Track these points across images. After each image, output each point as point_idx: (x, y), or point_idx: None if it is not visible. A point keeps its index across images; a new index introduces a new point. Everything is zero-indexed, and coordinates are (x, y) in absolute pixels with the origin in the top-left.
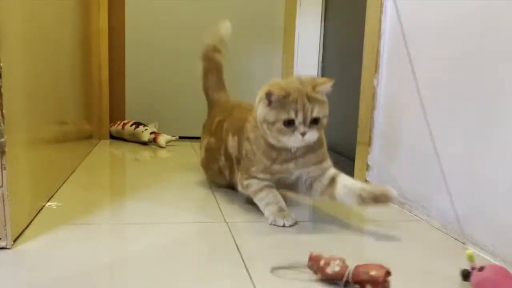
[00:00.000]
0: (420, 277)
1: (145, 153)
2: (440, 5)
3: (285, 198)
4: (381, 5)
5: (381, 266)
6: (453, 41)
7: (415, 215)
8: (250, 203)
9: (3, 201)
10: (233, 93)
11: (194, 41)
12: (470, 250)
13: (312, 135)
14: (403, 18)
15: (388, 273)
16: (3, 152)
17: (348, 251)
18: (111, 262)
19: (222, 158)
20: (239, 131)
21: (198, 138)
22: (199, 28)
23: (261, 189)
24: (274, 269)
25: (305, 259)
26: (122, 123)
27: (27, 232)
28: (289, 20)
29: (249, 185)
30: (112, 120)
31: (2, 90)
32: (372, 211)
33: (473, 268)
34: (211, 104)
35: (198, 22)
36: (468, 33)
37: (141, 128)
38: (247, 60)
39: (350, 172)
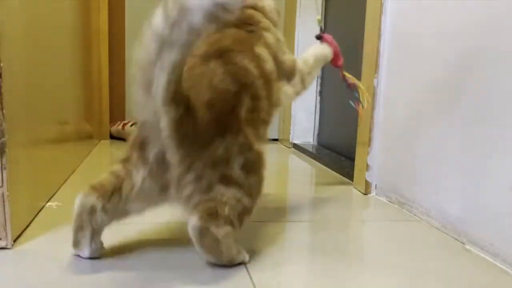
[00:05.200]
0: (420, 277)
1: None
2: (440, 4)
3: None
4: (381, 5)
5: None
6: (453, 41)
7: (415, 215)
8: None
9: (3, 201)
10: None
11: None
12: (319, 16)
13: None
14: (403, 18)
15: None
16: (3, 152)
17: (347, 251)
18: (111, 262)
19: None
20: None
21: None
22: None
23: None
24: None
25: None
26: (122, 123)
27: (27, 232)
28: (289, 20)
29: None
30: (112, 120)
31: (2, 90)
32: (371, 211)
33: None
34: None
35: None
36: (468, 33)
37: None
38: None
39: (350, 172)
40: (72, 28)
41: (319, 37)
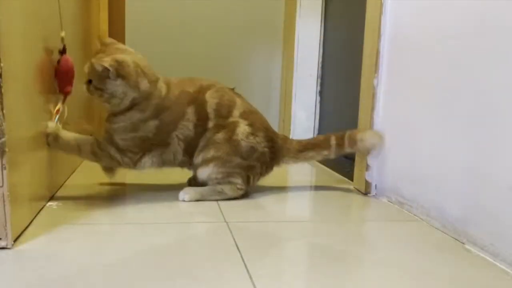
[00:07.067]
0: (420, 277)
1: None
2: (440, 5)
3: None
4: (381, 5)
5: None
6: (453, 41)
7: (415, 215)
8: (250, 202)
9: (3, 201)
10: None
11: (194, 42)
12: (63, 33)
13: None
14: (403, 18)
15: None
16: (3, 152)
17: (348, 251)
18: (111, 262)
19: None
20: None
21: None
22: (200, 29)
23: None
24: None
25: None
26: None
27: (27, 232)
28: (289, 20)
29: None
30: None
31: (2, 90)
32: (371, 211)
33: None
34: None
35: (199, 22)
36: (467, 33)
37: None
38: (247, 60)
39: (350, 172)
40: (72, 28)
41: (61, 53)
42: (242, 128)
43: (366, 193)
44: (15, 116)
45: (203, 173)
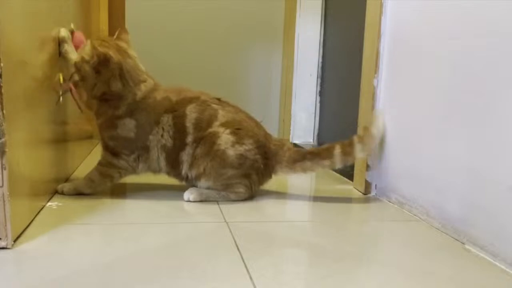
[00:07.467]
0: (420, 277)
1: None
2: (440, 5)
3: None
4: (381, 5)
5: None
6: (453, 41)
7: (414, 215)
8: (250, 203)
9: (3, 201)
10: (233, 93)
11: (194, 42)
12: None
13: None
14: (403, 18)
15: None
16: (3, 152)
17: (348, 251)
18: (111, 262)
19: None
20: None
21: None
22: (200, 29)
23: None
24: None
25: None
26: None
27: (27, 232)
28: (289, 20)
29: None
30: None
31: (2, 90)
32: (371, 211)
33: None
34: None
35: (199, 22)
36: (467, 33)
37: None
38: (247, 60)
39: (350, 172)
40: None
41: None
42: (225, 138)
43: (366, 193)
44: (15, 116)
45: (203, 187)
